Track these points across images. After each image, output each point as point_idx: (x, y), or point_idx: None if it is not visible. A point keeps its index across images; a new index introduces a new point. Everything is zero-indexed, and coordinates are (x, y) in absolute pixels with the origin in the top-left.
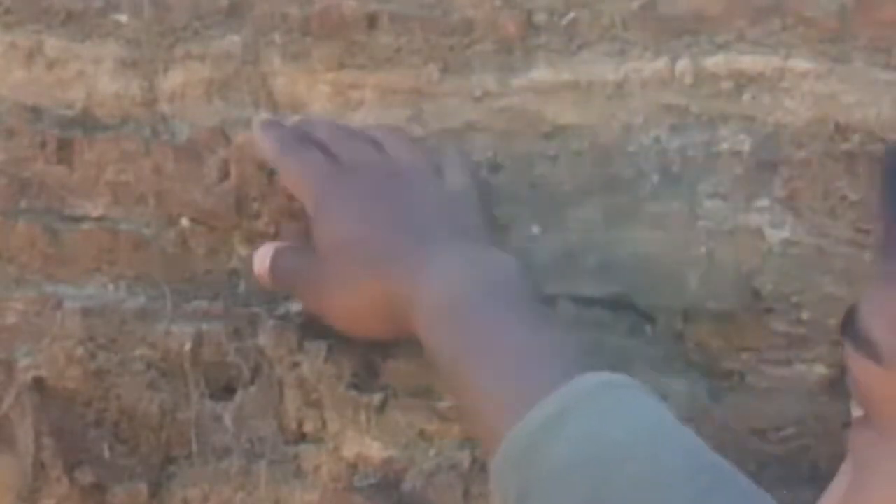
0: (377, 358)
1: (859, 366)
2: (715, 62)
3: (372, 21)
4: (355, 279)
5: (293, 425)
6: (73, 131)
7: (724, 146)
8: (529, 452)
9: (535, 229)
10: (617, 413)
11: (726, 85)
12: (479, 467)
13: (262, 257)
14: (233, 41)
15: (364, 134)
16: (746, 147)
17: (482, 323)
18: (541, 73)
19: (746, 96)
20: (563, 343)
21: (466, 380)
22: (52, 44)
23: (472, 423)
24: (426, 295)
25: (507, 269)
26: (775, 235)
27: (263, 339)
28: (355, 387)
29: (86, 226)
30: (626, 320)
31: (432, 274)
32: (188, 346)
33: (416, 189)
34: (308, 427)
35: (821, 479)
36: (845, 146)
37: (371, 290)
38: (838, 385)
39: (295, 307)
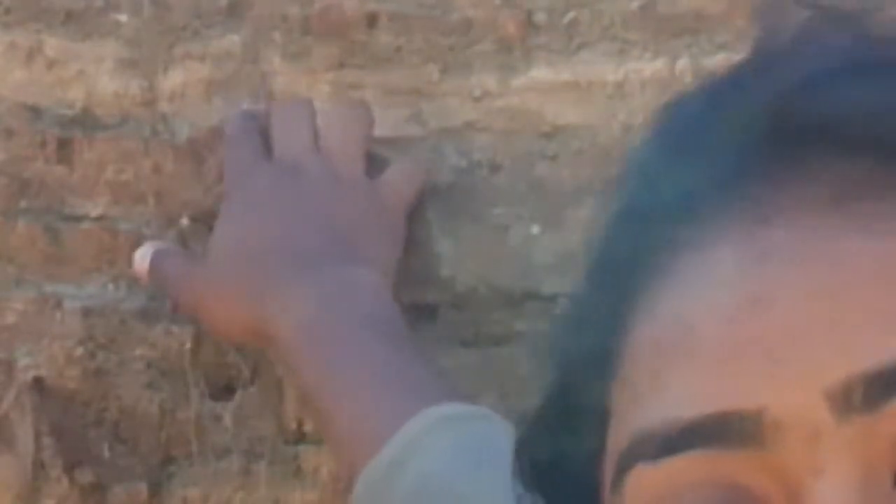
0: None
1: None
2: (715, 62)
3: (372, 21)
4: (231, 296)
5: (293, 425)
6: (72, 131)
7: None
8: (376, 499)
9: (535, 229)
10: (449, 448)
11: None
12: None
13: (142, 257)
14: (233, 41)
15: (306, 110)
16: None
17: (338, 356)
18: (541, 73)
19: None
20: (415, 374)
21: (323, 414)
22: (52, 43)
23: (333, 452)
24: (283, 329)
25: (371, 297)
26: None
27: None
28: None
29: (86, 225)
30: None
31: (290, 307)
32: (188, 346)
33: (324, 198)
34: (308, 427)
35: None
36: None
37: (243, 311)
38: None
39: None
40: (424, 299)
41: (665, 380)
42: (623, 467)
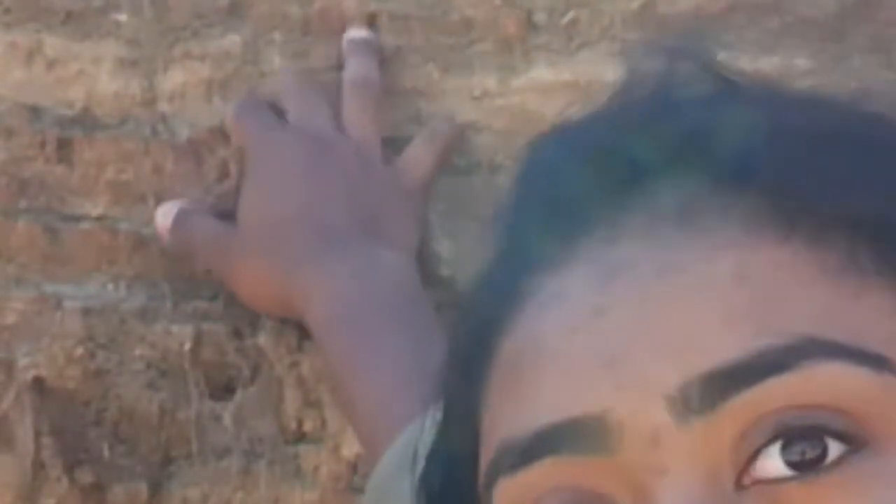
0: None
1: None
2: None
3: (372, 20)
4: (263, 266)
5: (293, 425)
6: (72, 131)
7: None
8: (390, 491)
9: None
10: None
11: None
12: None
13: (166, 214)
14: (233, 41)
15: (321, 95)
16: None
17: (364, 339)
18: (541, 73)
19: None
20: (438, 361)
21: (347, 396)
22: (52, 43)
23: (356, 435)
24: (315, 305)
25: (399, 281)
26: None
27: (263, 339)
28: None
29: (85, 225)
30: None
31: (322, 286)
32: (188, 346)
33: (350, 175)
34: (308, 427)
35: None
36: None
37: (274, 280)
38: None
39: None
40: (426, 294)
41: (518, 393)
42: (488, 483)
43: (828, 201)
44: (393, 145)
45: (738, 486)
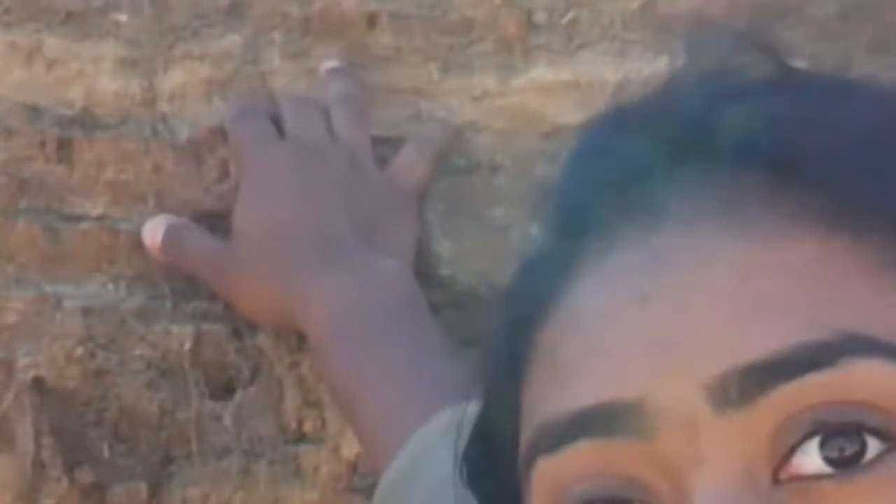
0: None
1: None
2: None
3: (372, 20)
4: (261, 279)
5: (293, 425)
6: (72, 131)
7: None
8: (396, 501)
9: (535, 229)
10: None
11: None
12: None
13: (155, 230)
14: (233, 41)
15: (317, 104)
16: None
17: (366, 350)
18: (541, 73)
19: None
20: (439, 370)
21: (350, 407)
22: (52, 43)
23: (360, 445)
24: (315, 315)
25: (398, 287)
26: None
27: (263, 339)
28: None
29: (85, 225)
30: None
31: (322, 295)
32: (188, 346)
33: (345, 184)
34: (308, 427)
35: None
36: None
37: (273, 293)
38: None
39: None
40: (424, 299)
41: (558, 376)
42: (527, 463)
43: (873, 197)
44: (393, 145)
45: (775, 480)
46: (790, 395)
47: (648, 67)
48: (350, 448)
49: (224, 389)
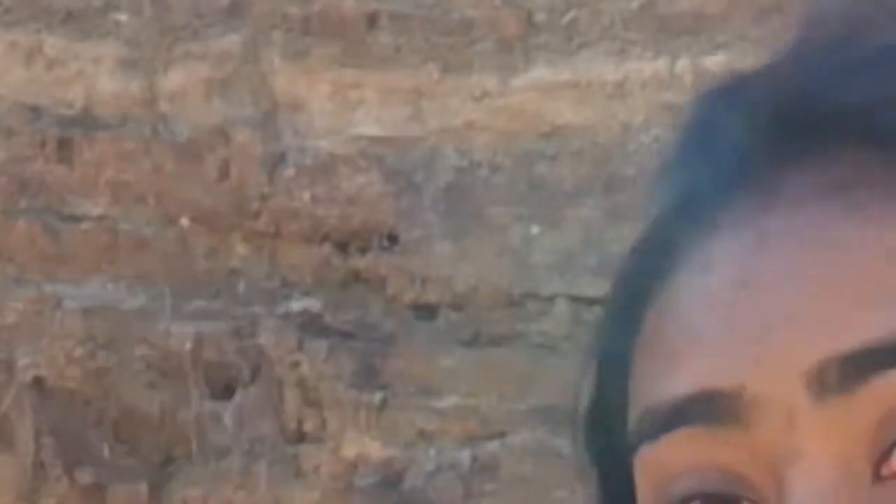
0: (377, 358)
1: None
2: (715, 62)
3: (372, 21)
4: None
5: (293, 425)
6: (72, 131)
7: None
8: None
9: (535, 229)
10: None
11: None
12: (479, 467)
13: None
14: (233, 41)
15: None
16: None
17: None
18: (541, 73)
19: None
20: None
21: None
22: (52, 43)
23: None
24: None
25: None
26: None
27: (263, 339)
28: (355, 387)
29: (85, 225)
30: None
31: None
32: (188, 346)
33: None
34: (308, 427)
35: None
36: None
37: None
38: None
39: (295, 306)
40: (424, 299)
41: (659, 363)
42: (632, 449)
43: None
44: (393, 145)
45: (876, 477)
46: (893, 384)
47: (648, 67)
48: (350, 448)
49: (224, 389)
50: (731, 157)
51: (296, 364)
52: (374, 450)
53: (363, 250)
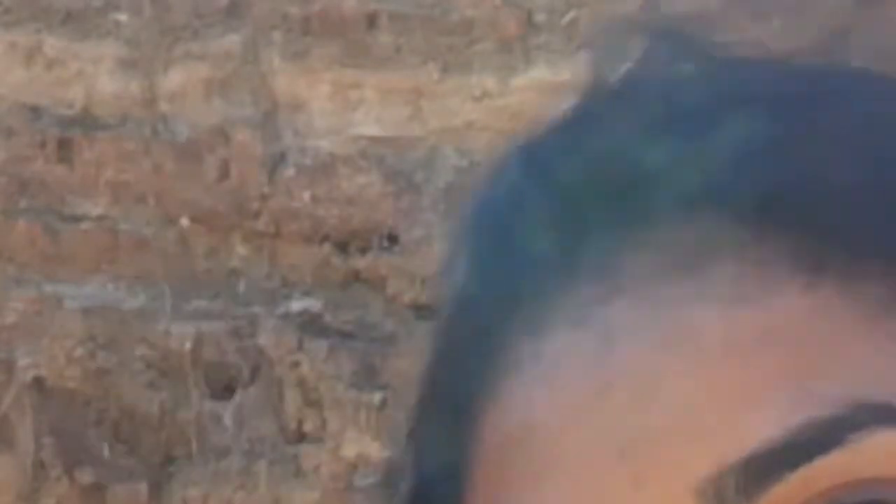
0: (377, 358)
1: None
2: None
3: (372, 21)
4: None
5: (293, 425)
6: (72, 131)
7: None
8: None
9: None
10: None
11: None
12: None
13: None
14: (233, 41)
15: None
16: None
17: None
18: (541, 73)
19: None
20: None
21: None
22: (52, 43)
23: None
24: None
25: None
26: None
27: (263, 339)
28: (355, 387)
29: (85, 225)
30: None
31: None
32: (188, 346)
33: None
34: (308, 427)
35: None
36: None
37: None
38: None
39: (295, 306)
40: (424, 299)
41: (513, 486)
42: None
43: (859, 232)
44: (393, 145)
45: None
46: (797, 484)
47: None
48: (350, 448)
49: (224, 389)
50: (554, 241)
51: (296, 364)
52: (374, 450)
53: (363, 250)
